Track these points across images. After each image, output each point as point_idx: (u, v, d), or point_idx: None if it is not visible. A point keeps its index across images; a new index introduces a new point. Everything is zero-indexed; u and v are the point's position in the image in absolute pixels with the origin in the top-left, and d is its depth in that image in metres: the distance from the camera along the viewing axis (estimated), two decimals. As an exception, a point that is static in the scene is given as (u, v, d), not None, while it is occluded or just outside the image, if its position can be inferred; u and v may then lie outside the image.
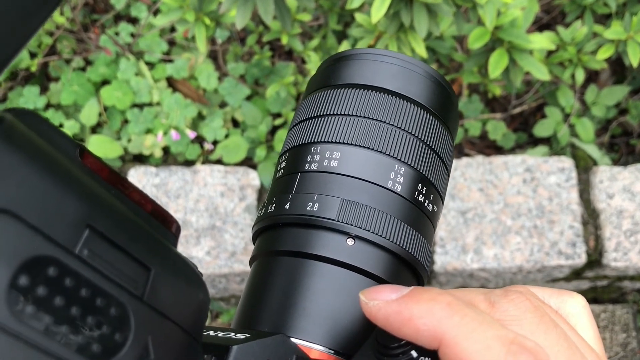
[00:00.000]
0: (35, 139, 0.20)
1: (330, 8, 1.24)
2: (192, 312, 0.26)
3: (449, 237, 1.26)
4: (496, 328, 0.28)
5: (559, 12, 1.48)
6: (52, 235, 0.20)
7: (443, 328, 0.28)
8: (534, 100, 1.46)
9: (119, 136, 1.41)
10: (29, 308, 0.19)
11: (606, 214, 1.29)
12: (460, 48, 1.33)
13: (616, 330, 1.44)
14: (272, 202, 0.38)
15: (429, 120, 0.39)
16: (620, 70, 1.52)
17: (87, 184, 0.22)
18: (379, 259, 0.36)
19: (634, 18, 1.05)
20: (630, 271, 1.31)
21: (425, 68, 0.40)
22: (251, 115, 1.38)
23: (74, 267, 0.21)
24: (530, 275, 1.31)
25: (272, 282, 0.36)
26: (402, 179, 0.37)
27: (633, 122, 1.48)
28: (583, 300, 0.34)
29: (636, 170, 1.33)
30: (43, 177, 0.20)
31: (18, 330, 0.19)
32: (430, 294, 0.30)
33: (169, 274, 0.24)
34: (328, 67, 0.42)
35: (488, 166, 1.32)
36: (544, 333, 0.29)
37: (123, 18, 1.55)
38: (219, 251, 1.26)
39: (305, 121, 0.40)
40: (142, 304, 0.23)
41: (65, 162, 0.21)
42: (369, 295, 0.31)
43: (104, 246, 0.22)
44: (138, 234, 0.24)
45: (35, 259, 0.20)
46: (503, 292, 0.31)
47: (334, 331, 0.34)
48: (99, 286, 0.21)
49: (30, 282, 0.20)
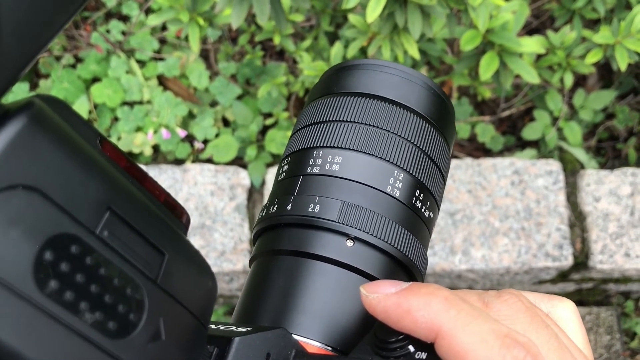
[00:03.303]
0: (62, 123, 0.21)
1: (322, 9, 1.24)
2: (202, 298, 0.26)
3: (437, 238, 1.27)
4: (491, 322, 0.29)
5: (548, 16, 1.50)
6: (76, 215, 0.21)
7: (440, 320, 0.29)
8: (523, 103, 1.48)
9: (108, 134, 1.41)
10: (52, 282, 0.20)
11: (593, 216, 1.31)
12: (450, 51, 1.34)
13: (600, 332, 1.45)
14: (274, 203, 0.39)
15: (427, 129, 0.40)
16: (607, 74, 1.54)
17: (108, 169, 0.22)
18: (377, 260, 0.37)
19: (622, 23, 1.07)
20: (616, 274, 1.33)
21: (424, 79, 0.42)
22: (242, 115, 1.39)
23: (94, 246, 0.21)
24: (518, 277, 1.32)
25: (273, 280, 0.37)
26: (400, 185, 0.38)
27: (620, 127, 1.50)
28: (573, 306, 0.36)
29: (622, 174, 1.34)
30: (69, 160, 0.21)
31: (41, 303, 0.20)
32: (429, 289, 0.31)
33: (181, 260, 0.25)
34: (331, 76, 0.43)
35: (477, 168, 1.33)
36: (535, 332, 0.30)
37: (114, 16, 1.55)
38: (208, 250, 1.27)
39: (308, 126, 0.41)
40: (156, 286, 0.24)
41: (88, 147, 0.22)
42: (370, 289, 0.32)
43: (123, 229, 0.23)
44: (154, 220, 0.24)
45: (60, 236, 0.20)
46: (497, 293, 0.32)
47: (332, 328, 0.35)
48: (117, 266, 0.22)
49: (55, 258, 0.20)
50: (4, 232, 0.19)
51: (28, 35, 0.19)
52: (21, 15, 0.18)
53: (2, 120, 0.20)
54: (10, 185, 0.19)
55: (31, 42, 0.19)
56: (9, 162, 0.19)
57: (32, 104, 0.20)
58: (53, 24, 0.20)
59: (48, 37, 0.20)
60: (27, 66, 0.20)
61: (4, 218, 0.19)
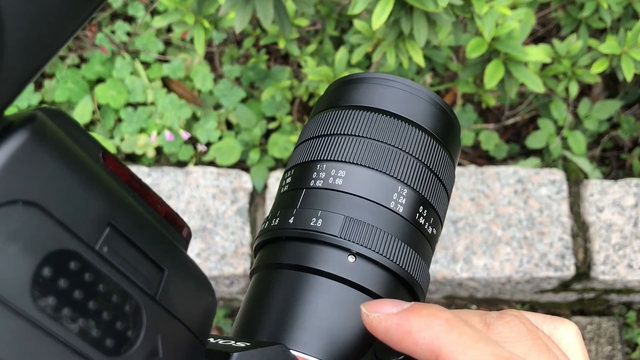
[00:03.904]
0: (64, 137, 0.21)
1: (328, 14, 1.24)
2: (200, 314, 0.26)
3: (439, 246, 1.27)
4: (492, 345, 0.29)
5: (554, 25, 1.49)
6: (76, 230, 0.21)
7: (441, 343, 0.29)
8: (527, 111, 1.47)
9: (112, 135, 1.41)
10: (50, 299, 0.20)
11: (595, 227, 1.31)
12: (455, 58, 1.34)
13: (602, 342, 1.45)
14: (277, 216, 0.39)
15: (432, 145, 0.40)
16: (613, 84, 1.53)
17: (110, 184, 0.22)
18: (379, 276, 0.36)
19: (629, 33, 1.06)
20: (618, 284, 1.32)
21: (430, 95, 0.41)
22: (245, 118, 1.38)
23: (94, 262, 0.21)
24: (519, 286, 1.32)
25: (273, 294, 0.37)
26: (404, 201, 0.38)
27: (624, 137, 1.49)
28: (575, 328, 0.36)
29: (626, 184, 1.34)
30: (70, 175, 0.21)
31: (38, 319, 0.20)
32: (430, 310, 0.30)
33: (181, 276, 0.25)
34: (337, 89, 0.43)
35: (480, 176, 1.32)
36: (536, 355, 0.30)
37: (120, 16, 1.55)
38: (209, 253, 1.26)
39: (312, 139, 0.41)
40: (154, 303, 0.23)
41: (90, 162, 0.22)
42: (371, 308, 0.32)
43: (123, 245, 0.22)
44: (154, 235, 0.24)
45: (59, 252, 0.20)
46: (498, 314, 0.32)
47: (332, 345, 0.35)
48: (116, 282, 0.22)
49: (53, 274, 0.20)
50: (2, 247, 0.19)
51: (32, 49, 0.19)
52: (26, 29, 0.18)
53: (3, 134, 0.20)
54: (10, 201, 0.19)
55: (35, 57, 0.19)
56: (10, 177, 0.19)
57: (35, 117, 0.20)
58: (58, 38, 0.20)
59: (52, 51, 0.20)
60: (31, 80, 0.20)
61: (3, 234, 0.19)
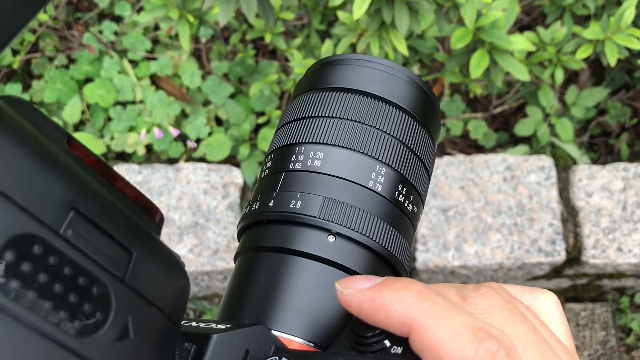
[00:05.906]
0: (24, 124, 0.21)
1: (313, 7, 1.24)
2: (172, 296, 0.26)
3: (430, 235, 1.28)
4: (464, 316, 0.29)
5: (539, 13, 1.50)
6: (38, 215, 0.21)
7: (413, 314, 0.29)
8: (515, 100, 1.48)
9: (101, 134, 1.41)
10: (13, 283, 0.20)
11: (585, 212, 1.31)
12: (442, 48, 1.34)
13: (596, 328, 1.46)
14: (257, 200, 0.39)
15: (411, 124, 0.40)
16: (599, 70, 1.54)
17: (73, 169, 0.22)
18: (359, 255, 0.37)
19: (612, 19, 1.07)
20: (609, 269, 1.33)
21: (408, 74, 0.41)
22: (235, 114, 1.39)
23: (58, 246, 0.21)
24: (511, 273, 1.32)
25: (255, 276, 0.37)
26: (382, 180, 0.38)
27: (612, 123, 1.50)
28: (554, 298, 0.35)
29: (614, 169, 1.35)
30: (30, 160, 0.21)
31: (3, 303, 0.20)
32: (402, 283, 0.30)
33: (150, 258, 0.25)
34: (315, 71, 0.43)
35: (469, 165, 1.33)
36: (512, 325, 0.30)
37: (107, 16, 1.55)
38: (201, 249, 1.27)
39: (291, 123, 0.41)
40: (123, 285, 0.23)
41: (52, 147, 0.22)
42: (344, 284, 0.32)
43: (88, 228, 0.22)
44: (121, 219, 0.24)
45: (21, 236, 0.20)
46: (475, 287, 0.32)
47: (314, 324, 0.35)
48: (81, 265, 0.22)
49: (16, 258, 0.20)
50: None
51: None
52: None
53: None
54: None
55: None
56: None
57: None
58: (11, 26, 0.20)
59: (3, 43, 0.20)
60: None
61: None
